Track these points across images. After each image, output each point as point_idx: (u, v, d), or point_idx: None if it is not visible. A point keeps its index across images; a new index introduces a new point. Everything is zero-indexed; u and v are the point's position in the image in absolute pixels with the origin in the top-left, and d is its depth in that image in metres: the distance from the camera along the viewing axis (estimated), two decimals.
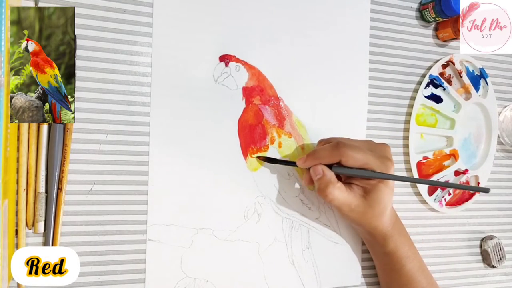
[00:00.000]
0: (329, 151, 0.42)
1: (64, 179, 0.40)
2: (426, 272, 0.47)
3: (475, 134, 0.57)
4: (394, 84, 0.53)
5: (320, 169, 0.42)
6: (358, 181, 0.43)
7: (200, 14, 0.45)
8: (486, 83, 0.56)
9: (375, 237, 0.46)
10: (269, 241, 0.47)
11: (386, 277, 0.48)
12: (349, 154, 0.41)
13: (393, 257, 0.46)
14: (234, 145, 0.46)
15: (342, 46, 0.50)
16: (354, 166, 0.42)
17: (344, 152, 0.41)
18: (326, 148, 0.43)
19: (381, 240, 0.45)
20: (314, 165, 0.43)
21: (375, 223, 0.44)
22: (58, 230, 0.40)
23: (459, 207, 0.55)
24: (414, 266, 0.46)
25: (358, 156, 0.41)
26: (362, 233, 0.48)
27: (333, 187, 0.41)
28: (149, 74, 0.43)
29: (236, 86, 0.46)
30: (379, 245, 0.46)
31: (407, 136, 0.53)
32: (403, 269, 0.46)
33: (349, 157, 0.41)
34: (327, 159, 0.42)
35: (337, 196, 0.42)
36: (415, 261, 0.46)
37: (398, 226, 0.46)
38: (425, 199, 0.53)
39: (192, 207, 0.44)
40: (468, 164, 0.56)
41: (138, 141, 0.43)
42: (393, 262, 0.46)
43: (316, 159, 0.43)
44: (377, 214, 0.43)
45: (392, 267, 0.46)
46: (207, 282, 0.44)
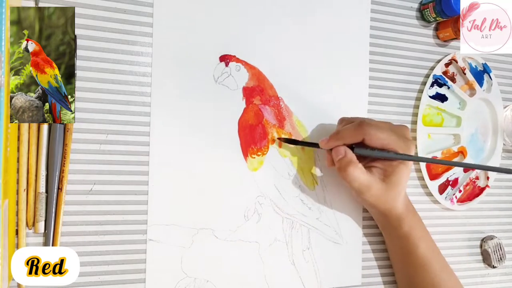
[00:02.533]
0: (352, 130, 0.43)
1: (65, 179, 0.40)
2: (439, 253, 0.47)
3: (482, 128, 0.57)
4: (396, 84, 0.53)
5: (342, 150, 0.43)
6: (379, 164, 0.44)
7: (200, 14, 0.45)
8: (490, 78, 0.57)
9: (390, 219, 0.46)
10: (270, 241, 0.47)
11: (401, 261, 0.48)
12: (372, 133, 0.42)
13: (408, 239, 0.46)
14: (234, 145, 0.46)
15: (343, 46, 0.50)
16: (376, 146, 0.42)
17: (368, 131, 0.42)
18: (349, 128, 0.43)
19: (396, 222, 0.46)
20: (337, 146, 0.43)
21: (391, 204, 0.44)
22: (58, 230, 0.40)
23: (471, 203, 0.56)
24: (428, 247, 0.46)
25: (381, 135, 0.42)
26: (377, 215, 0.48)
27: (354, 167, 0.42)
28: (149, 74, 0.43)
29: (236, 86, 0.46)
30: (394, 227, 0.46)
31: (414, 137, 0.53)
32: (418, 251, 0.46)
33: (372, 136, 0.42)
34: (350, 138, 0.43)
35: (357, 176, 0.42)
36: (428, 242, 0.47)
37: (410, 207, 0.47)
38: (437, 198, 0.53)
39: (192, 207, 0.44)
40: (477, 159, 0.56)
41: (138, 141, 0.43)
42: (408, 244, 0.46)
43: (339, 139, 0.43)
44: (395, 197, 0.43)
45: (407, 250, 0.46)
46: (208, 282, 0.44)
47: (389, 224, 0.47)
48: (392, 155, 0.42)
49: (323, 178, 0.49)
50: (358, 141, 0.43)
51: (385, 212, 0.45)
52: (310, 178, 0.49)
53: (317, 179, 0.49)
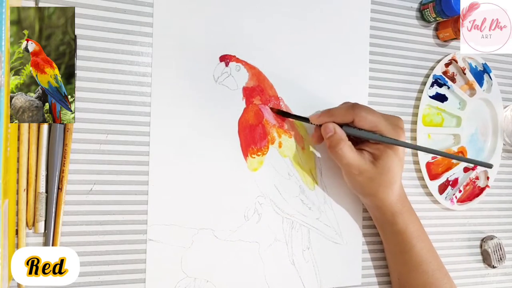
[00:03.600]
0: (344, 109, 0.44)
1: (64, 179, 0.40)
2: (435, 253, 0.47)
3: (482, 128, 0.57)
4: (396, 84, 0.53)
5: (331, 127, 0.43)
6: (368, 147, 0.44)
7: (201, 14, 0.45)
8: (489, 78, 0.57)
9: (384, 213, 0.46)
10: (270, 241, 0.47)
11: (396, 260, 0.48)
12: (363, 115, 0.42)
13: (403, 236, 0.46)
14: (235, 145, 0.46)
15: (343, 46, 0.50)
16: (365, 128, 0.43)
17: (359, 112, 0.43)
18: (341, 107, 0.44)
19: (390, 216, 0.46)
20: (326, 123, 0.44)
21: (383, 194, 0.44)
22: (58, 230, 0.40)
23: (470, 203, 0.56)
24: (424, 247, 0.46)
25: (371, 118, 0.43)
26: (371, 208, 0.48)
27: (344, 144, 0.42)
28: (149, 74, 0.43)
29: (237, 86, 0.46)
30: (389, 223, 0.46)
31: (414, 137, 0.53)
32: (413, 249, 0.46)
33: (362, 118, 0.42)
34: (341, 117, 0.43)
35: (347, 153, 0.43)
36: (425, 242, 0.47)
37: (407, 204, 0.47)
38: (436, 198, 0.53)
39: (192, 207, 0.44)
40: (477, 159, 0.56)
41: (138, 141, 0.43)
42: (403, 242, 0.46)
43: (330, 116, 0.44)
44: (385, 184, 0.44)
45: (402, 248, 0.46)
46: (207, 282, 0.44)
47: (385, 219, 0.46)
48: (378, 136, 0.43)
49: (323, 178, 0.49)
50: (348, 121, 0.43)
51: (378, 204, 0.45)
52: (310, 178, 0.49)
53: (317, 179, 0.49)
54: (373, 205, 0.46)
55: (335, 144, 0.43)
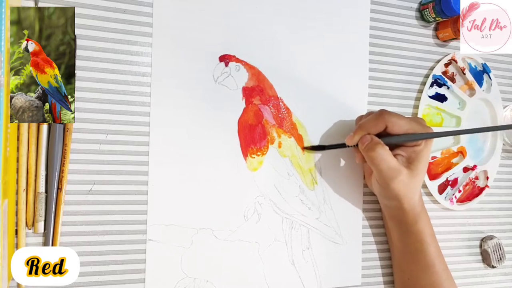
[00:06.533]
0: (374, 120, 0.43)
1: (64, 179, 0.40)
2: (442, 254, 0.48)
3: None
4: (396, 84, 0.53)
5: (368, 136, 0.43)
6: (403, 151, 0.44)
7: (200, 14, 0.45)
8: (489, 78, 0.57)
9: (407, 214, 0.45)
10: (269, 241, 0.47)
11: (409, 259, 0.48)
12: (394, 120, 0.42)
13: (422, 236, 0.46)
14: (234, 145, 0.46)
15: (342, 46, 0.50)
16: (398, 133, 0.43)
17: (389, 118, 0.43)
18: (371, 118, 0.44)
19: (412, 216, 0.45)
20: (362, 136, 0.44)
21: (413, 196, 0.44)
22: (58, 230, 0.40)
23: (470, 203, 0.56)
24: (436, 247, 0.47)
25: (402, 122, 0.43)
26: (394, 210, 0.47)
27: (382, 146, 0.42)
28: (149, 74, 0.43)
29: (236, 86, 0.46)
30: (409, 223, 0.46)
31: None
32: (429, 249, 0.46)
33: (394, 123, 0.42)
34: (374, 128, 0.43)
35: (385, 156, 0.42)
36: (436, 242, 0.47)
37: (423, 204, 0.47)
38: (436, 198, 0.53)
39: (192, 207, 0.44)
40: (476, 159, 0.56)
41: (138, 141, 0.43)
42: (420, 241, 0.46)
43: (363, 130, 0.44)
44: (417, 186, 0.44)
45: (418, 247, 0.46)
46: (207, 282, 0.44)
47: (406, 219, 0.46)
48: (416, 135, 0.43)
49: (323, 178, 0.49)
50: (381, 130, 0.43)
51: (406, 206, 0.45)
52: (310, 178, 0.49)
53: (317, 179, 0.49)
54: (399, 207, 0.45)
55: (374, 147, 0.42)
